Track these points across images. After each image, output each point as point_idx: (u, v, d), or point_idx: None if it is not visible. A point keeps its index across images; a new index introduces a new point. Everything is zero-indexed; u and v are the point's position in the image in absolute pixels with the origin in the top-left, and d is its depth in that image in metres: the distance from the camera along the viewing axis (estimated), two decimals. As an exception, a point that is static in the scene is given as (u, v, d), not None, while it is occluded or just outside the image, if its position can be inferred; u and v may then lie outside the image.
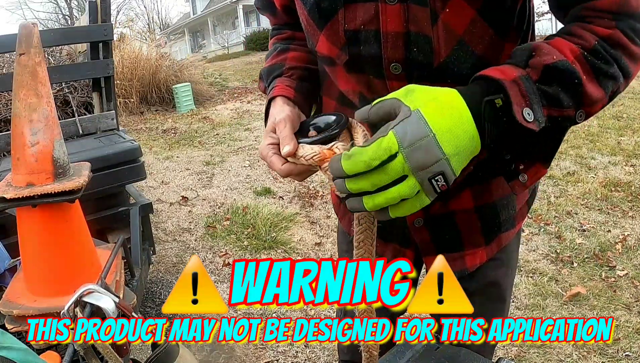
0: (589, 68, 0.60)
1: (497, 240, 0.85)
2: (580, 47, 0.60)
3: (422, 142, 0.51)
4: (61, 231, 1.32)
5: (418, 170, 0.52)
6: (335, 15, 0.69)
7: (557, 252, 2.77)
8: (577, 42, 0.61)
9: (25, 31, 1.25)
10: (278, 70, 0.83)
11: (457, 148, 0.53)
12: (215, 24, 27.38)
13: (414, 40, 0.65)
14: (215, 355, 2.05)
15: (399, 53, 0.67)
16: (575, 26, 0.63)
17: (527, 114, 0.57)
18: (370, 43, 0.68)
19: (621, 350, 1.95)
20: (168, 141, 6.11)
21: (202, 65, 10.38)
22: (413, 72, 0.68)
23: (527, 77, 0.58)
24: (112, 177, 2.06)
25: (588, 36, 0.61)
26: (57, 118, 1.33)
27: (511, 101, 0.56)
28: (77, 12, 22.10)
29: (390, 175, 0.52)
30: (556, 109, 0.59)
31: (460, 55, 0.66)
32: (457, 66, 0.66)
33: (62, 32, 3.41)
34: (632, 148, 4.53)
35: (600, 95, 0.61)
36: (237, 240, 3.15)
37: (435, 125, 0.52)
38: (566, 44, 0.61)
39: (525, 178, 0.69)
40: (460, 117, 0.54)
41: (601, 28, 0.61)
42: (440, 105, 0.54)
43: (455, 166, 0.53)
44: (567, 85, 0.59)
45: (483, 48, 0.66)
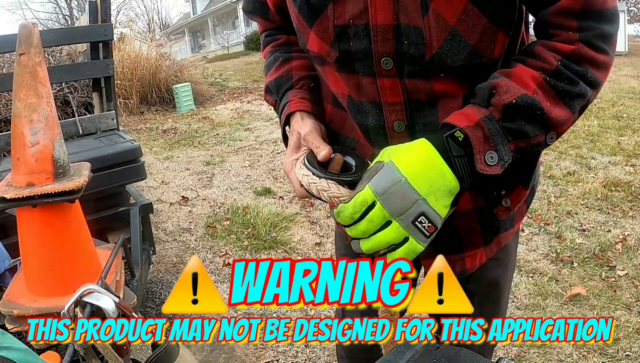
0: (552, 93, 0.61)
1: (496, 241, 0.85)
2: (542, 72, 0.61)
3: (395, 188, 0.57)
4: (61, 231, 1.32)
5: (398, 215, 0.57)
6: (325, 11, 0.68)
7: (557, 252, 2.77)
8: (540, 66, 0.62)
9: (25, 31, 1.25)
10: (287, 82, 0.83)
11: (431, 187, 0.58)
12: (215, 24, 27.38)
13: (405, 32, 0.64)
14: (215, 355, 2.05)
15: (389, 46, 0.66)
16: (538, 46, 0.64)
17: (490, 158, 0.60)
18: (360, 38, 0.67)
19: (621, 350, 1.95)
20: (168, 141, 6.11)
21: (202, 65, 10.38)
22: (404, 67, 0.67)
23: (490, 117, 0.61)
24: (112, 177, 2.06)
25: (550, 58, 0.61)
26: (57, 118, 1.33)
27: (473, 149, 0.60)
28: (77, 12, 22.09)
29: (374, 223, 0.58)
30: (523, 141, 0.62)
31: (453, 46, 0.64)
32: (450, 57, 0.65)
33: (62, 32, 3.41)
34: (632, 147, 4.53)
35: (567, 116, 0.62)
36: (237, 240, 3.15)
37: (406, 170, 0.57)
38: (527, 72, 0.62)
39: (508, 202, 0.72)
40: (429, 158, 0.59)
41: (563, 45, 0.61)
42: (410, 152, 0.59)
43: (434, 204, 0.57)
44: (531, 117, 0.61)
45: (476, 38, 0.64)
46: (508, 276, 0.94)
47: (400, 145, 0.61)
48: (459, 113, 0.62)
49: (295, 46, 0.87)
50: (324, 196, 0.65)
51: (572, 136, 4.94)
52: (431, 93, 0.68)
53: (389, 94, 0.70)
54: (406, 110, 0.70)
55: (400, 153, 0.59)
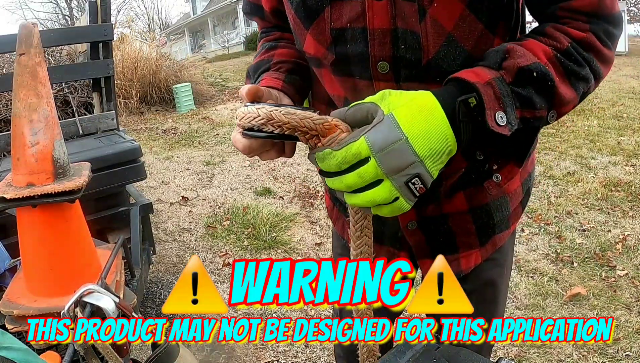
0: (561, 70, 0.60)
1: (491, 242, 0.85)
2: (554, 49, 0.61)
3: (394, 146, 0.52)
4: (61, 231, 1.32)
5: (392, 174, 0.52)
6: (322, 14, 0.67)
7: (557, 252, 2.77)
8: (551, 43, 0.61)
9: (25, 31, 1.25)
10: (265, 65, 0.80)
11: (431, 150, 0.53)
12: (215, 24, 27.38)
13: (402, 37, 0.64)
14: (215, 355, 2.05)
15: (386, 51, 0.65)
16: (550, 27, 0.63)
17: (500, 118, 0.57)
18: (356, 41, 0.66)
19: (621, 350, 1.95)
20: (168, 141, 6.11)
21: (202, 65, 10.37)
22: (400, 71, 0.67)
23: (501, 80, 0.59)
24: (112, 177, 2.06)
25: (562, 38, 0.61)
26: (57, 118, 1.33)
27: (484, 105, 0.56)
28: (77, 12, 22.08)
29: (364, 179, 0.53)
30: (529, 110, 0.60)
31: (450, 51, 0.64)
32: (446, 63, 0.65)
33: (62, 32, 3.41)
34: (632, 147, 4.53)
35: (572, 96, 0.62)
36: (237, 240, 3.15)
37: (408, 128, 0.52)
38: (539, 45, 0.61)
39: (499, 178, 0.69)
40: (435, 119, 0.54)
41: (575, 30, 0.62)
42: (414, 107, 0.54)
43: (430, 167, 0.54)
44: (541, 87, 0.59)
45: (473, 44, 0.64)
46: (505, 276, 0.94)
47: (403, 93, 0.55)
48: (468, 71, 0.59)
49: (286, 40, 0.86)
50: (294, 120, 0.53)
51: (572, 136, 4.95)
52: None
53: None
54: None
55: (403, 106, 0.54)
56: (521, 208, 0.88)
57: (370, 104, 0.55)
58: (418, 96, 0.55)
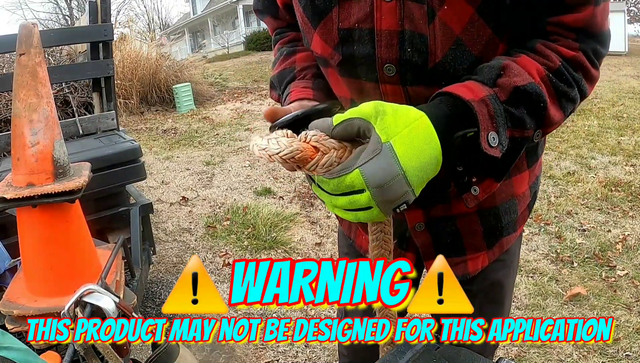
0: (552, 91, 0.60)
1: (499, 244, 0.85)
2: (546, 68, 0.60)
3: (391, 182, 0.51)
4: (61, 231, 1.32)
5: (384, 205, 0.52)
6: (330, 14, 0.67)
7: (557, 252, 2.77)
8: (543, 62, 0.60)
9: (25, 31, 1.25)
10: (289, 74, 0.80)
11: (423, 180, 0.53)
12: (215, 24, 27.37)
13: (409, 39, 0.63)
14: (215, 355, 2.05)
15: (392, 53, 0.65)
16: (540, 44, 0.62)
17: (492, 138, 0.56)
18: (364, 42, 0.66)
19: (621, 350, 1.95)
20: (168, 141, 6.11)
21: (202, 65, 10.37)
22: (407, 74, 0.66)
23: (495, 97, 0.57)
24: (112, 177, 2.06)
25: (553, 56, 0.61)
26: (57, 118, 1.33)
27: (479, 125, 0.55)
28: (77, 12, 22.07)
29: (354, 205, 0.53)
30: (518, 130, 0.59)
31: (457, 55, 0.63)
32: (453, 67, 0.64)
33: (62, 32, 3.41)
34: (632, 147, 4.53)
35: (560, 117, 0.62)
36: (237, 240, 3.15)
37: (406, 162, 0.51)
38: (533, 63, 0.60)
39: (477, 190, 0.68)
40: (431, 150, 0.53)
41: (565, 49, 0.61)
42: (413, 138, 0.52)
43: (417, 192, 0.54)
44: (533, 108, 0.59)
45: (480, 49, 0.64)
46: (511, 278, 0.94)
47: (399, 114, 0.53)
48: (461, 86, 0.58)
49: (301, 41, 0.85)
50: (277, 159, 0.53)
51: (572, 136, 4.95)
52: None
53: (391, 100, 0.67)
54: None
55: (401, 136, 0.51)
56: (528, 211, 0.88)
57: (362, 121, 0.53)
58: (415, 124, 0.53)
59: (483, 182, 0.67)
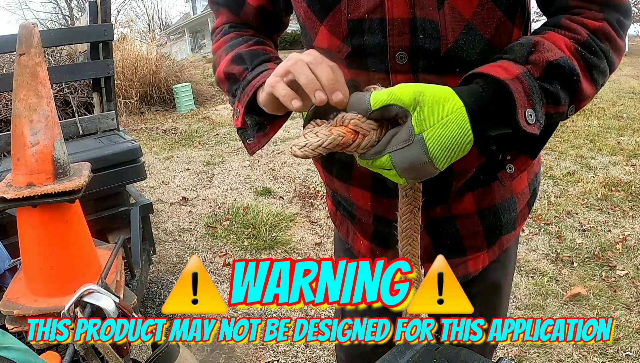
0: (583, 63, 0.60)
1: (498, 243, 0.85)
2: (574, 42, 0.60)
3: (418, 166, 0.54)
4: (61, 232, 1.32)
5: (411, 179, 0.57)
6: (338, 5, 0.67)
7: (557, 252, 2.77)
8: (571, 36, 0.60)
9: (25, 31, 1.25)
10: (264, 55, 0.74)
11: (449, 162, 0.55)
12: (215, 24, 27.33)
13: (421, 26, 0.63)
14: (215, 355, 2.05)
15: (404, 41, 0.65)
16: (564, 19, 0.62)
17: (530, 115, 0.56)
18: (374, 32, 0.66)
19: (621, 350, 1.95)
20: (168, 141, 6.11)
21: (202, 65, 10.36)
22: (419, 62, 0.66)
23: (528, 74, 0.57)
24: (112, 177, 2.06)
25: (579, 29, 0.60)
26: (57, 118, 1.33)
27: (515, 103, 0.55)
28: (77, 12, 22.06)
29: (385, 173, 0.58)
30: (553, 106, 0.59)
31: (469, 40, 0.64)
32: (465, 52, 0.64)
33: (62, 32, 3.41)
34: (632, 147, 4.53)
35: (592, 91, 0.61)
36: (237, 240, 3.15)
37: (435, 152, 0.53)
38: (561, 38, 0.60)
39: (512, 168, 0.67)
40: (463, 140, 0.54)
41: (590, 20, 0.61)
42: (445, 130, 0.53)
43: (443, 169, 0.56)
44: (567, 82, 0.58)
45: (492, 32, 0.64)
46: (509, 278, 0.93)
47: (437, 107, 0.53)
48: (494, 65, 0.58)
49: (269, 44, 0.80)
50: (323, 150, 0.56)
51: (572, 136, 4.94)
52: None
53: None
54: None
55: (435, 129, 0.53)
56: (527, 209, 0.88)
57: (400, 108, 0.54)
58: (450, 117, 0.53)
59: (517, 159, 0.66)
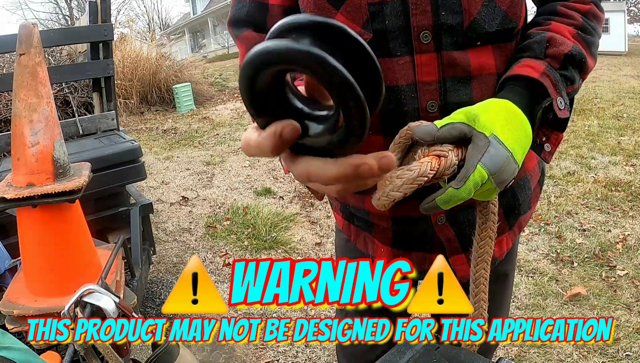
0: (585, 45, 0.69)
1: (517, 224, 0.87)
2: (574, 27, 0.69)
3: (504, 165, 0.58)
4: (61, 231, 1.32)
5: (501, 185, 0.59)
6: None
7: (557, 252, 2.77)
8: (570, 22, 0.70)
9: (25, 31, 1.25)
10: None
11: (524, 154, 0.61)
12: (215, 24, 27.36)
13: (442, 3, 0.65)
14: (215, 355, 2.05)
15: (427, 19, 0.66)
16: (560, 6, 0.72)
17: (560, 102, 0.64)
18: (397, 14, 0.66)
19: (621, 350, 1.95)
20: (168, 141, 6.11)
21: (202, 65, 10.38)
22: (442, 39, 0.67)
23: (550, 68, 0.65)
24: (112, 177, 2.06)
25: (574, 15, 0.70)
26: (57, 118, 1.33)
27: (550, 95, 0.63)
28: (77, 12, 22.06)
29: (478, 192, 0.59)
30: (571, 86, 0.68)
31: (489, 12, 0.67)
32: (487, 23, 0.67)
33: (62, 32, 3.41)
34: (632, 147, 4.53)
35: (593, 63, 0.71)
36: (237, 240, 3.15)
37: (510, 144, 0.58)
38: (564, 27, 0.69)
39: (549, 146, 0.71)
40: (525, 130, 0.61)
41: (581, 5, 0.72)
42: (509, 124, 0.60)
43: (520, 165, 0.61)
44: (578, 65, 0.68)
45: (508, 3, 0.68)
46: (514, 270, 0.98)
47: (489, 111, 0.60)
48: (523, 66, 0.66)
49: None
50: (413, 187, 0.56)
51: (572, 136, 4.95)
52: (467, 68, 0.68)
53: (425, 72, 0.68)
54: (440, 89, 0.69)
55: (501, 126, 0.59)
56: (539, 188, 0.90)
57: (464, 125, 0.59)
58: (505, 114, 0.60)
59: (550, 138, 0.71)
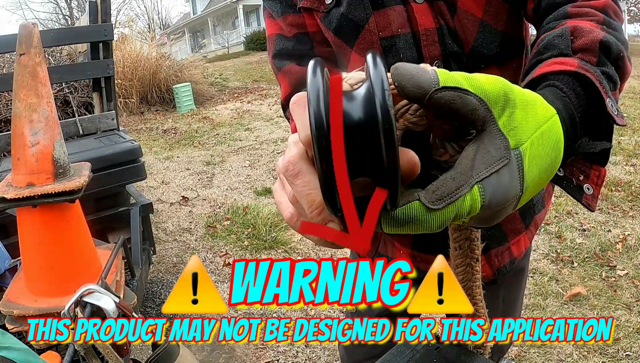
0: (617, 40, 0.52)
1: (533, 223, 0.88)
2: (596, 22, 0.52)
3: (506, 204, 0.37)
4: (61, 231, 1.32)
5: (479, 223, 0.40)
6: (366, 25, 0.67)
7: (558, 252, 2.77)
8: (590, 19, 0.53)
9: (26, 31, 1.25)
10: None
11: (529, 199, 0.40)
12: (215, 24, 27.37)
13: (447, 33, 0.67)
14: (215, 355, 2.05)
15: (437, 49, 0.68)
16: (571, 8, 0.56)
17: (612, 106, 0.45)
18: (408, 46, 0.68)
19: (621, 350, 1.95)
20: (168, 141, 6.11)
21: (202, 65, 10.37)
22: (451, 66, 0.68)
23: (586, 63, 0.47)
24: (112, 177, 2.06)
25: (592, 12, 0.54)
26: (57, 118, 1.33)
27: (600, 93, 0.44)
28: (77, 12, 22.07)
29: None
30: (613, 92, 0.48)
31: (486, 36, 0.67)
32: (485, 48, 0.68)
33: (62, 32, 3.41)
34: (632, 147, 4.53)
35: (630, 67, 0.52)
36: (237, 239, 3.15)
37: (530, 180, 0.37)
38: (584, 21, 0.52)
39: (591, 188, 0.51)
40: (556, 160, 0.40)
41: (594, 1, 0.56)
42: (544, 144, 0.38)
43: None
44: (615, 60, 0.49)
45: (504, 24, 0.68)
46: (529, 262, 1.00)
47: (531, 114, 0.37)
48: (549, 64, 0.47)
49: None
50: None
51: (572, 136, 4.95)
52: None
53: None
54: None
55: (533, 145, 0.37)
56: (552, 185, 0.90)
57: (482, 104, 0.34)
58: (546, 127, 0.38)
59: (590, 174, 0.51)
